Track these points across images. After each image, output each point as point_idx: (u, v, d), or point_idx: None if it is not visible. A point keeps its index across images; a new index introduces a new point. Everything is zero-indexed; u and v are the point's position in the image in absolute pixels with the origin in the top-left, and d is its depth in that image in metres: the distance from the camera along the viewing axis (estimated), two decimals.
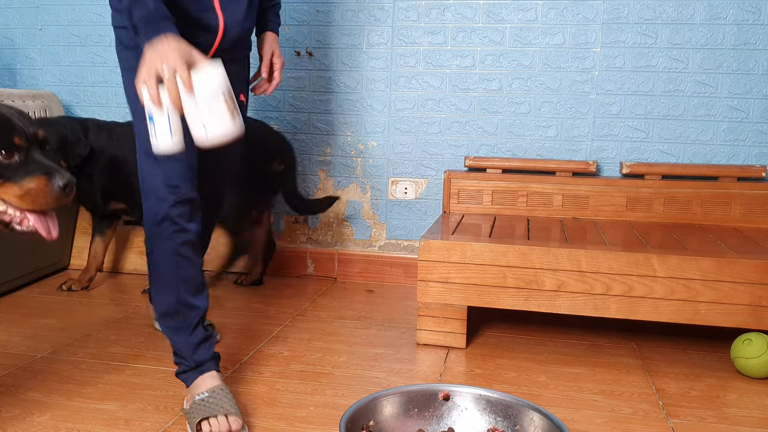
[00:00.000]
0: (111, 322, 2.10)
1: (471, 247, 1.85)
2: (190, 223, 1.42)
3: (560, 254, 1.80)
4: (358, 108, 2.58)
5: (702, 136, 2.37)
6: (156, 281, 1.46)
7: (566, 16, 2.39)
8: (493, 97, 2.48)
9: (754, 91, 2.32)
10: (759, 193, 2.30)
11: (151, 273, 1.46)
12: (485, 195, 2.46)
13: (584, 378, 1.72)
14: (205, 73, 1.17)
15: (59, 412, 1.47)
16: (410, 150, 2.56)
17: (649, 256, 1.76)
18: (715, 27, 2.31)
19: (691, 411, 1.54)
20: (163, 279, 1.43)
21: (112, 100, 2.76)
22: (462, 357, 1.86)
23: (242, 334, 1.99)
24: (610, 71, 2.39)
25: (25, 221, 1.17)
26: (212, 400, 1.38)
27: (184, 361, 1.46)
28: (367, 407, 1.30)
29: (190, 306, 1.44)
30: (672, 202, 2.35)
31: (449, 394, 1.36)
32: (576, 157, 2.45)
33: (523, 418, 1.30)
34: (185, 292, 1.43)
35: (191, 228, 1.42)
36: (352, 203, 2.64)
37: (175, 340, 1.46)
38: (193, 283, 1.44)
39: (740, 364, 1.74)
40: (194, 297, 1.44)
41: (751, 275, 1.72)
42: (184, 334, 1.44)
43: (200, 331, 1.46)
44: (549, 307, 1.84)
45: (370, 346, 1.93)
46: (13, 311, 2.19)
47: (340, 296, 2.42)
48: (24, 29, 2.79)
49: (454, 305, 1.89)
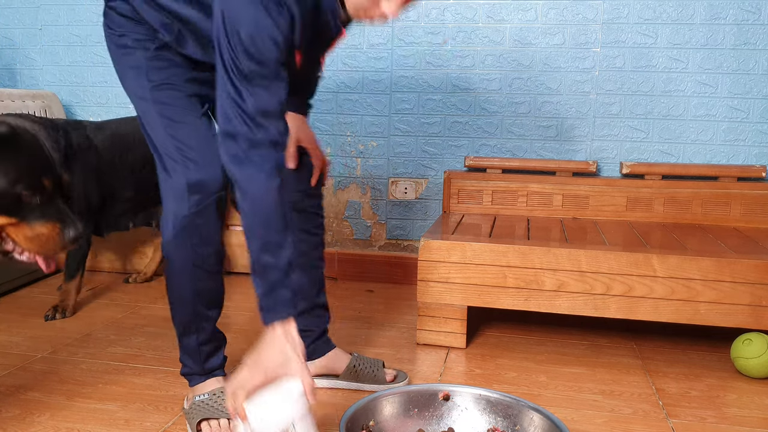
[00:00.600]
0: (111, 322, 2.10)
1: (471, 247, 1.85)
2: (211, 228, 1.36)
3: (560, 254, 1.80)
4: (358, 108, 2.58)
5: (702, 136, 2.37)
6: (171, 290, 1.42)
7: (566, 16, 2.39)
8: (493, 97, 2.48)
9: (754, 91, 2.32)
10: (759, 193, 2.30)
11: (167, 281, 1.42)
12: (485, 195, 2.46)
13: (584, 378, 1.72)
14: (278, 400, 1.14)
15: (59, 412, 1.47)
16: (410, 150, 2.56)
17: (649, 256, 1.76)
18: (715, 27, 2.31)
19: (691, 411, 1.54)
20: (179, 289, 1.40)
21: (112, 100, 2.76)
22: (462, 357, 1.86)
23: (242, 334, 1.99)
24: (610, 71, 2.39)
25: (25, 252, 1.17)
26: (212, 403, 1.38)
27: (191, 364, 1.44)
28: (367, 407, 1.30)
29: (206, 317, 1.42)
30: (672, 202, 2.35)
31: (449, 394, 1.36)
32: (576, 157, 2.45)
33: (523, 418, 1.30)
34: (201, 303, 1.40)
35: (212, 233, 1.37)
36: (352, 203, 2.64)
37: (186, 344, 1.43)
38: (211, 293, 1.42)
39: (740, 364, 1.74)
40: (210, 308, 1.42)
41: (751, 275, 1.72)
42: (195, 343, 1.42)
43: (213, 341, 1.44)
44: (549, 307, 1.84)
45: (370, 346, 1.93)
46: (13, 311, 2.19)
47: (340, 296, 2.42)
48: (24, 29, 2.79)
49: (454, 305, 1.89)
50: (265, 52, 1.12)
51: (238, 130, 1.14)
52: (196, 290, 1.37)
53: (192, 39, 1.33)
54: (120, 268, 2.73)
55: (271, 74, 1.14)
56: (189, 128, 1.33)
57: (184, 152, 1.31)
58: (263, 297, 1.20)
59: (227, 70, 1.14)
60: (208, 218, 1.33)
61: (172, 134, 1.31)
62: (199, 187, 1.30)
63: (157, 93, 1.33)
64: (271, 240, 1.20)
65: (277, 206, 1.19)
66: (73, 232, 1.14)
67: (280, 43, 1.13)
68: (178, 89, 1.34)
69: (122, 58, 1.37)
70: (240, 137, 1.14)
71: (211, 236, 1.35)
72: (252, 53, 1.11)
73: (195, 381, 1.44)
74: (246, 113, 1.14)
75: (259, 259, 1.20)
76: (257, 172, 1.16)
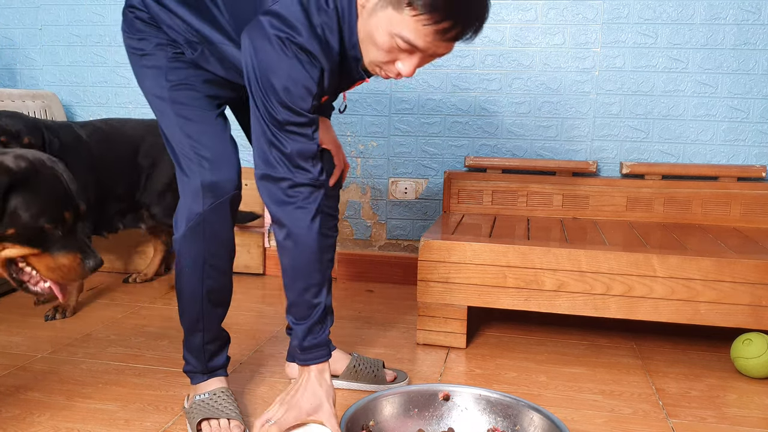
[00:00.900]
0: (111, 322, 2.10)
1: (471, 247, 1.85)
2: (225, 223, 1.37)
3: (560, 254, 1.80)
4: (358, 108, 2.58)
5: (702, 136, 2.37)
6: (181, 287, 1.41)
7: (566, 16, 2.39)
8: (493, 97, 2.48)
9: (754, 91, 2.32)
10: (759, 193, 2.30)
11: (177, 277, 1.42)
12: (485, 195, 2.46)
13: (584, 378, 1.72)
14: None
15: (59, 412, 1.47)
16: (410, 150, 2.56)
17: (649, 256, 1.76)
18: (715, 27, 2.31)
19: (691, 411, 1.54)
20: (189, 285, 1.39)
21: (112, 100, 2.76)
22: (462, 357, 1.86)
23: (242, 334, 1.99)
24: (610, 71, 2.39)
25: (40, 283, 1.21)
26: (212, 403, 1.38)
27: (194, 362, 1.44)
28: (367, 407, 1.30)
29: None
30: (672, 202, 2.35)
31: (449, 394, 1.36)
32: (576, 157, 2.45)
33: (523, 418, 1.30)
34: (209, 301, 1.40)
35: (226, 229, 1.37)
36: (352, 203, 2.64)
37: (191, 341, 1.43)
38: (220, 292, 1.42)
39: (740, 364, 1.74)
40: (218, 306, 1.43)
41: (751, 275, 1.72)
42: (200, 341, 1.42)
43: (217, 340, 1.44)
44: (549, 307, 1.84)
45: (370, 346, 1.93)
46: (13, 311, 2.19)
47: (340, 296, 2.42)
48: (24, 29, 2.79)
49: (454, 305, 1.89)
50: (299, 102, 1.17)
51: (280, 173, 1.20)
52: (205, 287, 1.38)
53: (214, 59, 1.35)
54: (120, 268, 2.72)
55: (307, 121, 1.20)
56: (205, 128, 1.34)
57: (199, 152, 1.31)
58: (304, 337, 1.24)
59: (263, 118, 1.19)
60: (221, 216, 1.33)
61: (188, 134, 1.32)
62: (213, 188, 1.31)
63: (175, 93, 1.34)
64: (314, 280, 1.24)
65: (320, 246, 1.24)
66: (92, 262, 1.20)
67: (314, 94, 1.18)
68: (196, 89, 1.35)
69: (141, 59, 1.38)
70: (282, 180, 1.20)
71: (223, 234, 1.35)
72: (287, 104, 1.16)
73: (197, 380, 1.44)
74: (286, 157, 1.19)
75: (302, 298, 1.24)
76: (301, 212, 1.21)
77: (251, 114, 1.22)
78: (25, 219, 1.13)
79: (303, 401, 1.23)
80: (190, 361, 1.44)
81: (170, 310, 2.23)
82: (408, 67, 1.16)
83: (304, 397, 1.24)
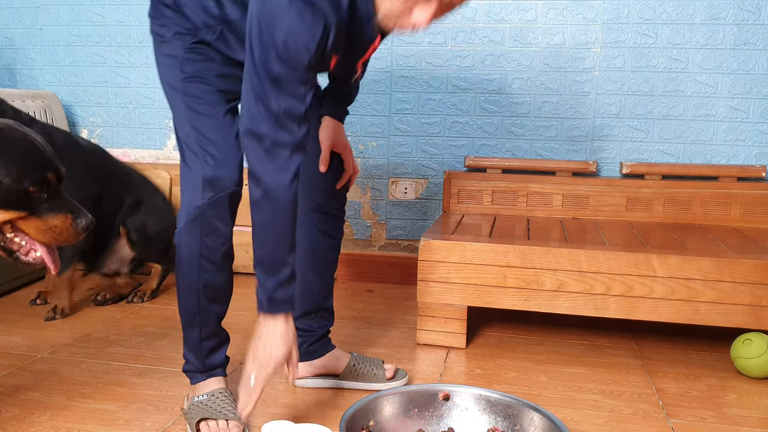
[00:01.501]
0: (111, 322, 2.10)
1: (471, 247, 1.85)
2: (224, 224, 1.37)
3: (560, 254, 1.80)
4: (358, 108, 2.58)
5: (702, 136, 2.37)
6: (179, 280, 1.42)
7: (566, 16, 2.39)
8: (493, 97, 2.48)
9: (754, 91, 2.32)
10: (759, 193, 2.30)
11: (176, 270, 1.43)
12: (485, 195, 2.46)
13: (584, 378, 1.72)
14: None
15: (59, 412, 1.47)
16: (410, 150, 2.57)
17: (649, 256, 1.76)
18: (715, 27, 2.31)
19: (691, 411, 1.54)
20: (186, 279, 1.40)
21: (112, 100, 2.76)
22: (462, 357, 1.86)
23: (242, 334, 1.99)
24: (610, 71, 2.39)
25: (31, 252, 1.20)
26: (211, 404, 1.38)
27: (193, 360, 1.44)
28: (367, 407, 1.30)
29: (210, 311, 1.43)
30: (672, 202, 2.35)
31: (449, 394, 1.36)
32: (576, 157, 2.45)
33: (523, 418, 1.30)
34: (205, 296, 1.40)
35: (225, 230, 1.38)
36: (352, 203, 2.64)
37: (189, 338, 1.43)
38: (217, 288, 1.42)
39: (740, 364, 1.74)
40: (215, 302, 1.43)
41: (751, 275, 1.72)
42: (198, 337, 1.42)
43: (215, 337, 1.44)
44: (549, 307, 1.84)
45: (370, 346, 1.93)
46: (13, 311, 2.19)
47: (340, 296, 2.42)
48: (24, 29, 2.79)
49: (454, 305, 1.89)
50: (297, 57, 1.15)
51: (263, 130, 1.18)
52: (201, 282, 1.38)
53: (234, 39, 1.34)
54: None
55: (301, 79, 1.17)
56: (212, 122, 1.34)
57: (204, 146, 1.32)
58: (274, 290, 1.25)
59: (256, 70, 1.17)
60: (219, 211, 1.34)
61: (195, 127, 1.33)
62: (213, 182, 1.32)
63: (187, 85, 1.34)
64: (287, 239, 1.25)
65: (294, 208, 1.24)
66: (84, 221, 1.18)
67: (312, 51, 1.15)
68: (208, 83, 1.35)
69: (161, 45, 1.38)
70: (265, 137, 1.18)
71: (221, 229, 1.36)
72: (284, 58, 1.14)
73: (196, 379, 1.44)
74: (273, 114, 1.17)
75: (274, 254, 1.24)
76: (281, 172, 1.20)
77: (245, 68, 1.20)
78: (7, 183, 1.11)
79: (276, 349, 1.28)
80: (189, 359, 1.44)
81: (170, 310, 2.23)
82: (425, 14, 1.15)
83: (276, 345, 1.28)
